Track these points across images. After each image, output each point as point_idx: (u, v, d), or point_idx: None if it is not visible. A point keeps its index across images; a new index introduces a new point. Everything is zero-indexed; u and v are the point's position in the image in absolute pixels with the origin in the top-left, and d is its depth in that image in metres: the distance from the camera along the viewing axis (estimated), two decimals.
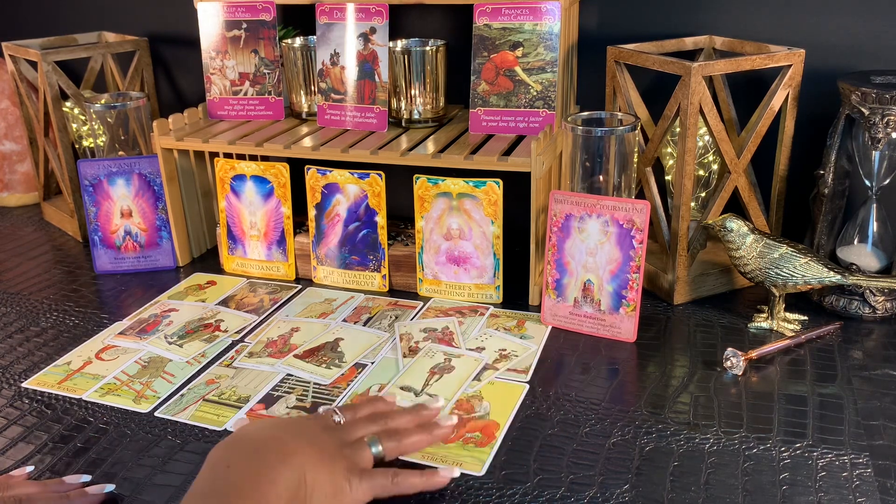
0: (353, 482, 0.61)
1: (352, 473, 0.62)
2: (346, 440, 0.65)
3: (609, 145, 0.92)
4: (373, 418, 0.69)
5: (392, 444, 0.67)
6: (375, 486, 0.63)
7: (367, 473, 0.63)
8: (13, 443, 0.76)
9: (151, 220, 1.13)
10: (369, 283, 1.06)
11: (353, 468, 0.63)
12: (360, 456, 0.64)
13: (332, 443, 0.64)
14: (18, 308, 1.04)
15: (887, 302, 0.92)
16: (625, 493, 0.66)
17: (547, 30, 0.97)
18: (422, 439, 0.69)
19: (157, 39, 1.37)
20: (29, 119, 1.31)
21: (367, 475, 0.63)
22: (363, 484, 0.62)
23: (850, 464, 0.69)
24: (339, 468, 0.61)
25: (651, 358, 0.87)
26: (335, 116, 1.09)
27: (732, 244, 0.91)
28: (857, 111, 0.89)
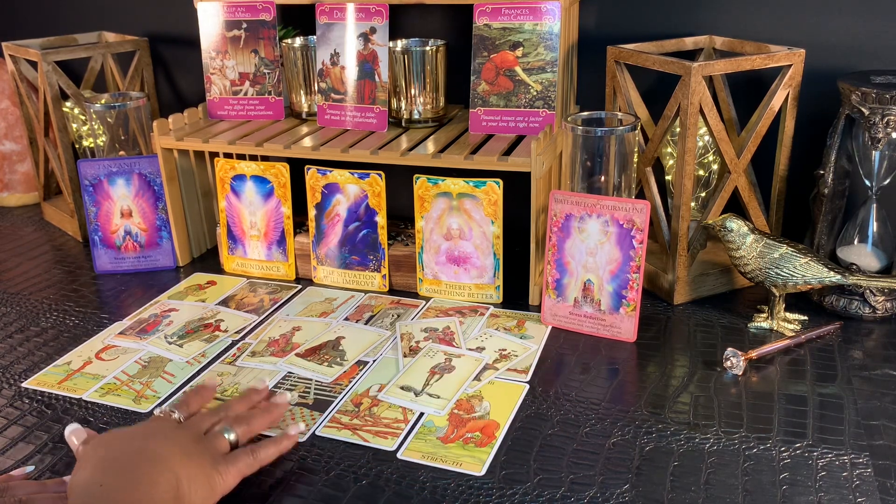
0: (221, 469, 0.65)
1: (217, 462, 0.65)
2: (200, 432, 0.68)
3: (609, 145, 0.92)
4: (213, 411, 0.72)
5: (242, 428, 0.70)
6: (241, 466, 0.67)
7: (229, 458, 0.67)
8: (13, 443, 0.76)
9: (151, 220, 1.13)
10: (369, 282, 1.06)
11: (217, 456, 0.66)
12: (218, 444, 0.67)
13: (191, 438, 0.66)
14: (18, 308, 1.04)
15: (887, 302, 0.92)
16: (625, 493, 0.66)
17: (547, 30, 0.98)
18: (266, 419, 0.73)
19: (157, 39, 1.37)
20: (29, 119, 1.31)
21: (231, 459, 0.66)
22: (230, 468, 0.66)
23: (850, 464, 0.69)
24: (205, 460, 0.65)
25: (651, 358, 0.87)
26: (335, 116, 1.09)
27: (732, 244, 0.91)
28: (857, 111, 0.89)
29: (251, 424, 0.72)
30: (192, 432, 0.68)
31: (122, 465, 0.60)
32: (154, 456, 0.62)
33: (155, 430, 0.67)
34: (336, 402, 0.81)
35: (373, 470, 0.70)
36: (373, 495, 0.67)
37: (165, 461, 0.62)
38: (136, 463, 0.61)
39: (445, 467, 0.70)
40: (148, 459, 0.61)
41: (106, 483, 0.58)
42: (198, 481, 0.63)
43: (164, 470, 0.61)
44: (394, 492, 0.68)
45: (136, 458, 0.61)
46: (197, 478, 0.63)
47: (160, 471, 0.60)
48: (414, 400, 0.80)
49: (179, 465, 0.62)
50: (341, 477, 0.70)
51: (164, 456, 0.62)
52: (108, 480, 0.59)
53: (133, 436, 0.66)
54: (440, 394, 0.81)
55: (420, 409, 0.79)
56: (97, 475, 0.60)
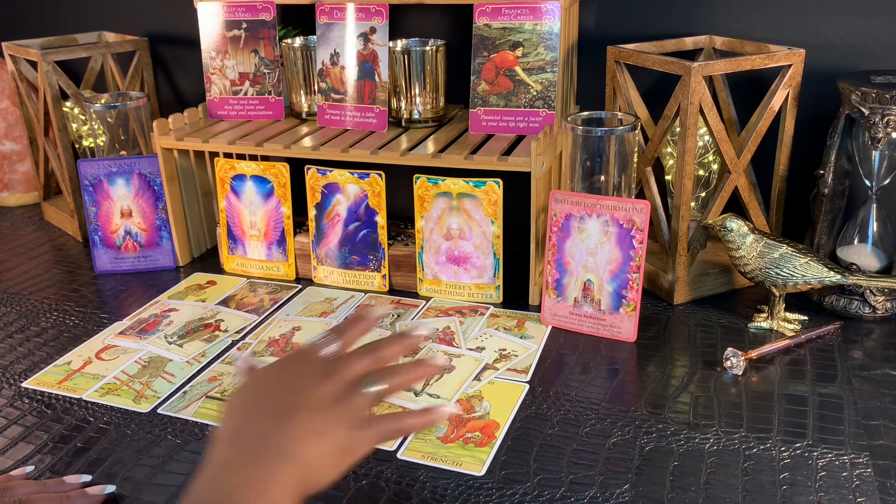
0: (355, 438, 0.60)
1: (352, 429, 0.60)
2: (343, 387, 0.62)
3: (609, 145, 0.92)
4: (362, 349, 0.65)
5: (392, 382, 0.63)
6: (378, 433, 0.61)
7: (367, 423, 0.61)
8: (13, 443, 0.76)
9: (151, 220, 1.13)
10: (369, 282, 1.06)
11: (353, 422, 0.60)
12: (359, 403, 0.62)
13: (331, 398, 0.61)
14: (18, 308, 1.04)
15: (887, 302, 0.92)
16: (625, 493, 0.66)
17: (547, 30, 0.97)
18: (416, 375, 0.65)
19: (157, 39, 1.37)
20: (29, 119, 1.31)
21: (367, 425, 0.61)
22: (365, 435, 0.60)
23: (850, 464, 0.69)
24: (340, 430, 0.60)
25: (651, 358, 0.87)
26: (335, 116, 1.09)
27: (732, 244, 0.91)
28: (857, 111, 0.89)
29: (400, 379, 0.64)
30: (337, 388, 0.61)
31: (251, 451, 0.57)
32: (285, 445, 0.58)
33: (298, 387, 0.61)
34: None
35: (373, 470, 0.70)
36: (373, 495, 0.67)
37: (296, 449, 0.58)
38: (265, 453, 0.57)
39: (445, 467, 0.70)
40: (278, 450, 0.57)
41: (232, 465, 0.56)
42: (326, 459, 0.58)
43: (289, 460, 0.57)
44: (394, 492, 0.68)
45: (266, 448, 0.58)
46: (326, 456, 0.58)
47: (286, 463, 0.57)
48: (414, 400, 0.80)
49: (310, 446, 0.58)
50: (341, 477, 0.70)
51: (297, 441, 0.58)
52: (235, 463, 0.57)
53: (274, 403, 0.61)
54: (440, 394, 0.81)
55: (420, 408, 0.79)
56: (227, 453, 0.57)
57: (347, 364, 0.64)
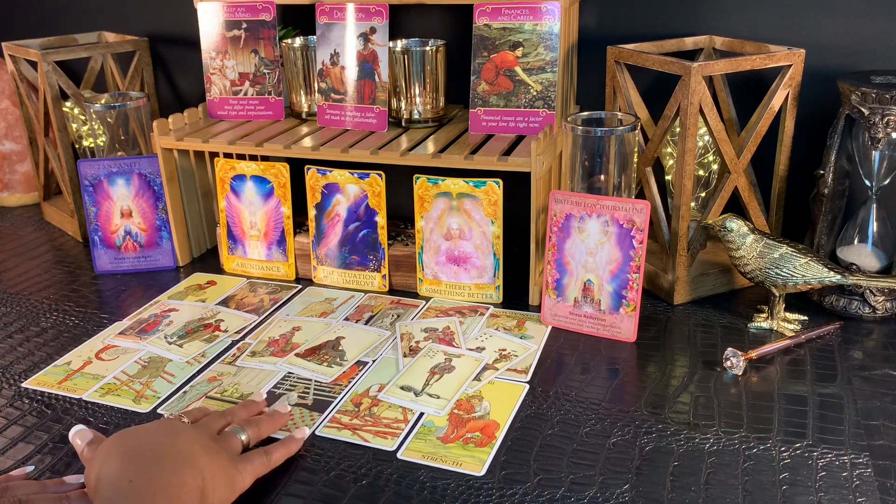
0: (240, 468, 0.66)
1: (235, 461, 0.66)
2: (214, 432, 0.69)
3: (609, 145, 0.92)
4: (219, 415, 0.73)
5: (252, 430, 0.71)
6: (256, 466, 0.67)
7: (245, 458, 0.67)
8: (13, 443, 0.76)
9: (151, 220, 1.13)
10: (369, 282, 1.06)
11: (234, 457, 0.67)
12: (232, 445, 0.68)
13: (208, 437, 0.67)
14: (18, 308, 1.04)
15: (887, 302, 0.92)
16: (625, 493, 0.66)
17: (547, 30, 0.97)
18: (272, 424, 0.74)
19: (157, 39, 1.37)
20: (29, 119, 1.31)
21: (246, 459, 0.67)
22: (247, 467, 0.66)
23: (850, 464, 0.69)
24: (225, 459, 0.65)
25: (651, 358, 0.87)
26: (335, 116, 1.09)
27: (732, 244, 0.91)
28: (857, 111, 0.89)
29: (260, 427, 0.72)
30: (207, 431, 0.68)
31: (152, 462, 0.59)
32: (182, 454, 0.61)
33: (173, 427, 0.67)
34: (336, 403, 0.81)
35: (373, 470, 0.70)
36: (373, 495, 0.67)
37: (192, 459, 0.61)
38: (166, 460, 0.60)
39: (445, 467, 0.70)
40: (176, 457, 0.61)
41: (136, 479, 0.58)
42: (220, 480, 0.63)
43: (191, 468, 0.60)
44: (394, 492, 0.68)
45: (165, 455, 0.61)
46: (219, 477, 0.63)
47: (188, 469, 0.60)
48: (414, 400, 0.80)
49: (204, 463, 0.62)
50: (341, 477, 0.70)
51: (191, 454, 0.62)
52: (139, 476, 0.58)
53: (155, 432, 0.65)
54: (440, 394, 0.81)
55: (420, 409, 0.79)
56: (127, 470, 0.59)
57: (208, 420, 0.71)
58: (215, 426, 0.70)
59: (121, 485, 0.58)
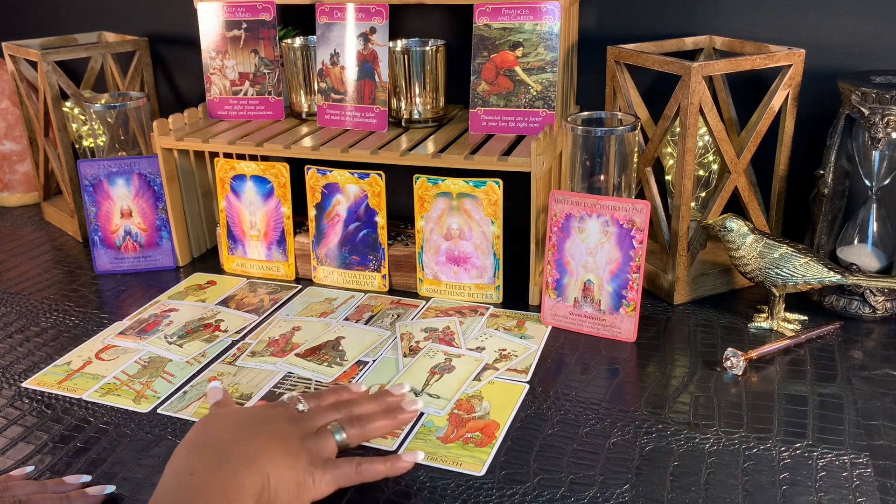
0: (317, 475, 0.62)
1: (314, 466, 0.62)
2: (309, 430, 0.65)
3: (609, 145, 0.92)
4: (337, 406, 0.69)
5: (355, 430, 0.67)
6: (339, 476, 0.63)
7: (330, 464, 0.63)
8: (13, 443, 0.76)
9: (151, 220, 1.13)
10: (369, 282, 1.06)
11: (316, 460, 0.63)
12: (323, 446, 0.64)
13: (295, 435, 0.63)
14: (18, 308, 1.04)
15: (887, 302, 0.92)
16: (625, 493, 0.66)
17: (547, 30, 0.97)
18: (385, 424, 0.69)
19: (157, 39, 1.37)
20: (29, 119, 1.31)
21: (330, 466, 0.63)
22: (326, 475, 0.62)
23: (850, 464, 0.69)
24: (301, 463, 0.62)
25: (651, 358, 0.87)
26: (335, 116, 1.09)
27: (732, 244, 0.91)
28: (857, 111, 0.89)
29: (366, 427, 0.68)
30: (301, 428, 0.65)
31: (216, 458, 0.59)
32: (249, 455, 0.60)
33: (262, 419, 0.64)
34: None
35: None
36: (373, 495, 0.67)
37: (258, 462, 0.59)
38: (231, 458, 0.59)
39: (445, 467, 0.70)
40: (242, 457, 0.59)
41: (197, 473, 0.57)
42: (287, 486, 0.60)
43: (254, 471, 0.59)
44: (394, 492, 0.68)
45: (231, 452, 0.59)
46: (287, 482, 0.60)
47: (250, 472, 0.59)
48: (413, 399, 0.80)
49: (272, 465, 0.60)
50: None
51: (260, 455, 0.60)
52: (201, 471, 0.58)
53: (238, 424, 0.63)
54: (440, 394, 0.81)
55: (420, 409, 0.79)
56: (192, 462, 0.58)
57: (316, 412, 0.67)
58: (317, 422, 0.66)
59: (182, 475, 0.57)
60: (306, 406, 0.68)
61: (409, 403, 0.72)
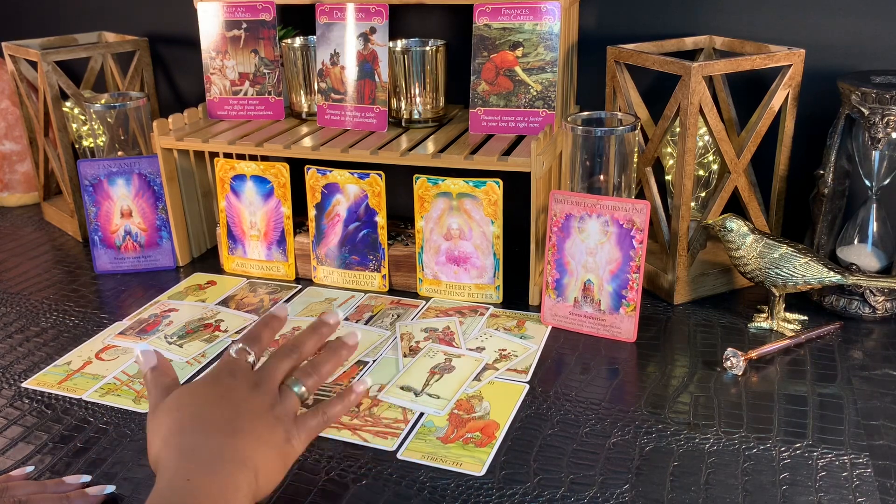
0: (293, 439, 0.63)
1: (289, 432, 0.63)
2: (274, 393, 0.65)
3: (609, 145, 0.92)
4: (283, 352, 0.68)
5: (311, 381, 0.67)
6: (311, 428, 0.65)
7: (300, 422, 0.65)
8: (13, 443, 0.76)
9: (151, 220, 1.13)
10: (369, 282, 1.06)
11: (289, 425, 0.64)
12: (289, 406, 0.65)
13: (265, 407, 0.63)
14: (18, 308, 1.04)
15: (887, 302, 0.92)
16: (625, 493, 0.66)
17: (547, 30, 0.97)
18: (334, 364, 0.69)
19: (157, 39, 1.37)
20: (29, 119, 1.31)
21: (301, 424, 0.64)
22: (301, 434, 0.64)
23: (850, 464, 0.69)
24: (279, 436, 0.63)
25: (651, 358, 0.87)
26: (335, 116, 1.09)
27: (732, 244, 0.91)
28: (857, 111, 0.89)
29: (321, 373, 0.67)
30: (268, 396, 0.64)
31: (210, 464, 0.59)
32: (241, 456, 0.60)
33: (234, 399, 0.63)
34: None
35: (373, 470, 0.70)
36: (373, 495, 0.67)
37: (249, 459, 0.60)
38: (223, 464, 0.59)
39: (445, 467, 0.70)
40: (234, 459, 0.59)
41: (193, 479, 0.57)
42: (272, 465, 0.61)
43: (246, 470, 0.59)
44: (394, 492, 0.68)
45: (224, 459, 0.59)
46: (272, 461, 0.61)
47: (243, 472, 0.59)
48: (414, 400, 0.80)
49: (259, 456, 0.61)
50: (341, 477, 0.70)
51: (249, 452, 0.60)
52: (196, 477, 0.58)
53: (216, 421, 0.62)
54: (440, 394, 0.81)
55: (420, 409, 0.79)
56: (185, 469, 0.58)
57: (272, 369, 0.67)
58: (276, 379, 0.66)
59: (178, 480, 0.57)
60: (253, 355, 0.67)
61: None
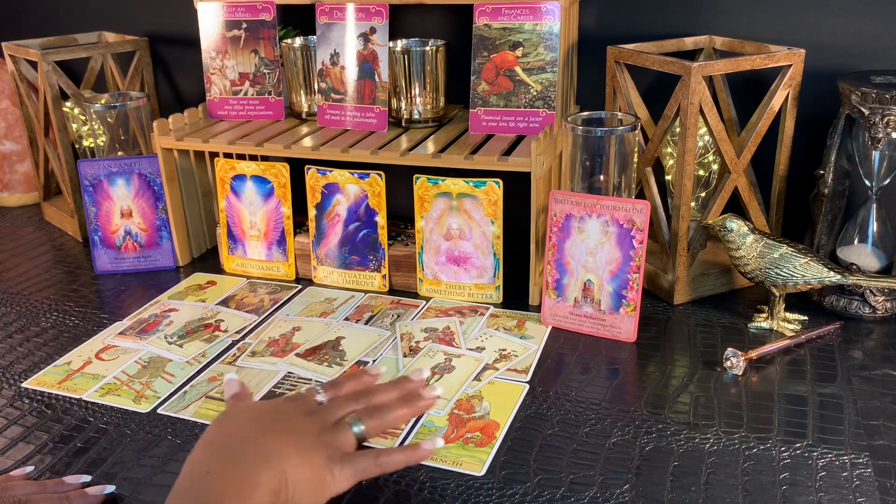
0: (336, 471, 0.60)
1: (333, 462, 0.60)
2: (328, 423, 0.63)
3: (609, 145, 0.92)
4: (355, 396, 0.67)
5: (374, 421, 0.64)
6: (358, 470, 0.62)
7: (349, 458, 0.61)
8: (13, 443, 0.76)
9: (151, 220, 1.13)
10: (369, 282, 1.06)
11: (335, 455, 0.61)
12: (341, 440, 0.63)
13: (313, 430, 0.62)
14: (18, 308, 1.04)
15: (887, 302, 0.92)
16: (625, 493, 0.66)
17: (547, 30, 0.97)
18: (405, 413, 0.67)
19: (157, 39, 1.37)
20: (29, 119, 1.31)
21: (349, 460, 0.61)
22: (346, 470, 0.61)
23: (850, 464, 0.69)
24: (319, 459, 0.60)
25: (651, 358, 0.87)
26: (335, 116, 1.09)
27: (732, 244, 0.91)
28: (857, 111, 0.89)
29: (385, 418, 0.65)
30: (319, 422, 0.63)
31: (231, 456, 0.58)
32: (265, 453, 0.59)
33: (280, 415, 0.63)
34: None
35: None
36: (373, 495, 0.67)
37: (276, 460, 0.58)
38: (247, 457, 0.58)
39: (445, 467, 0.70)
40: (258, 455, 0.58)
41: (213, 470, 0.57)
42: (305, 483, 0.59)
43: (271, 469, 0.58)
44: (394, 492, 0.68)
45: (247, 451, 0.59)
46: (305, 479, 0.59)
47: (267, 470, 0.58)
48: None
49: (289, 463, 0.59)
50: None
51: (277, 454, 0.59)
52: (217, 468, 0.57)
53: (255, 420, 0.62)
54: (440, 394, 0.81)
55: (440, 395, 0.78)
56: (209, 460, 0.58)
57: (333, 405, 0.65)
58: (336, 414, 0.64)
59: (198, 471, 0.57)
60: (325, 397, 0.66)
61: (429, 390, 0.69)
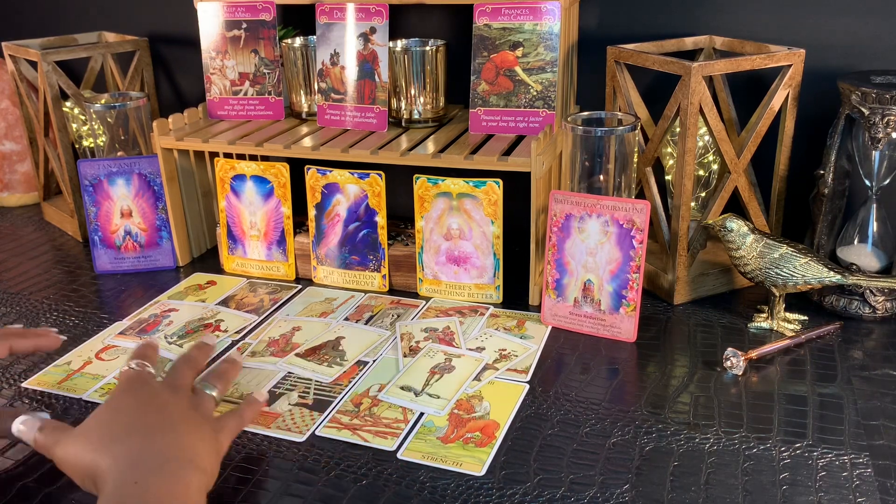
0: (219, 437, 0.66)
1: (215, 430, 0.66)
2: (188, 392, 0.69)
3: (609, 145, 0.92)
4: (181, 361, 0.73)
5: (221, 383, 0.72)
6: (231, 429, 0.68)
7: (221, 422, 0.68)
8: (13, 443, 0.76)
9: (151, 220, 1.13)
10: (369, 282, 1.06)
11: (213, 423, 0.67)
12: (207, 405, 0.69)
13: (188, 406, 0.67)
14: (18, 308, 1.04)
15: (887, 302, 0.92)
16: (625, 493, 0.66)
17: (547, 30, 0.98)
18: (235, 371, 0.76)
19: (157, 39, 1.37)
20: (29, 119, 1.31)
21: (222, 424, 0.68)
22: (224, 435, 0.67)
23: (850, 464, 0.69)
24: (207, 429, 0.65)
25: (651, 358, 0.87)
26: (335, 116, 1.09)
27: (732, 244, 0.91)
28: (857, 111, 0.89)
29: (226, 378, 0.73)
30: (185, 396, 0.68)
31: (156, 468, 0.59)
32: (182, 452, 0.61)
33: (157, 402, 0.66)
34: (336, 402, 0.81)
35: (373, 470, 0.70)
36: (373, 495, 0.67)
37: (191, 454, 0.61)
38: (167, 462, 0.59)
39: (445, 467, 0.70)
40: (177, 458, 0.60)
41: (141, 482, 0.57)
42: (210, 458, 0.63)
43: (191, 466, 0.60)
44: (394, 492, 0.68)
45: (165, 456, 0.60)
46: (209, 455, 0.63)
47: (189, 468, 0.60)
48: (414, 400, 0.80)
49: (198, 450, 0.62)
50: (341, 477, 0.70)
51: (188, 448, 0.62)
52: (144, 480, 0.58)
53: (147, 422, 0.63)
54: (440, 394, 0.81)
55: (420, 409, 0.79)
56: (130, 472, 0.58)
57: (181, 375, 0.71)
58: (188, 381, 0.70)
59: (125, 487, 0.57)
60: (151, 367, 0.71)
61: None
